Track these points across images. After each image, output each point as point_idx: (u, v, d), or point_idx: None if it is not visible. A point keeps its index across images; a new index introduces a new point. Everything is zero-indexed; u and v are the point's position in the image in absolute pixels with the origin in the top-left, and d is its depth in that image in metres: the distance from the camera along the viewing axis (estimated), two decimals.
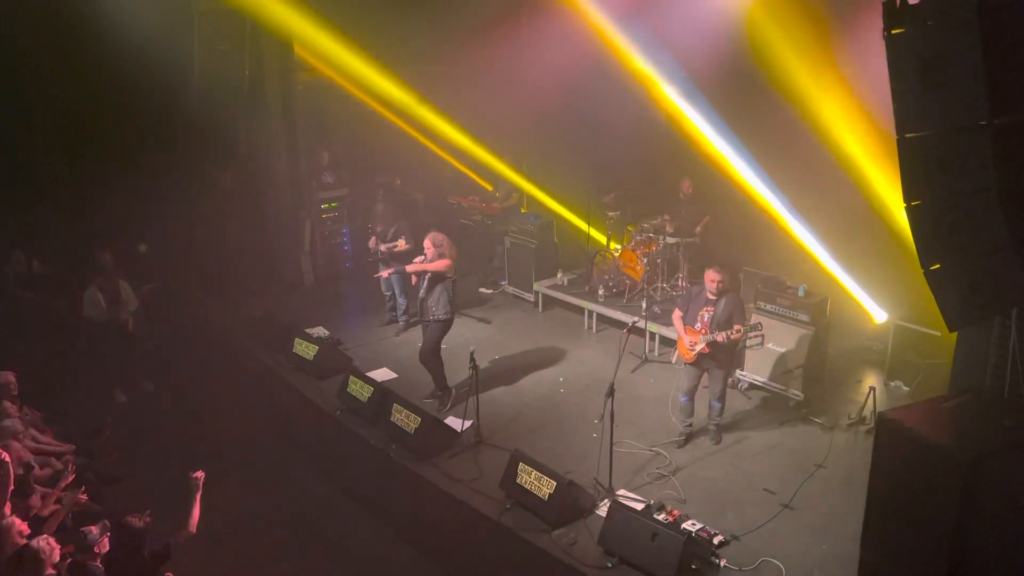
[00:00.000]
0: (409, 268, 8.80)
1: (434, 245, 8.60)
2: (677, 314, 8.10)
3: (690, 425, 8.18)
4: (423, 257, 8.65)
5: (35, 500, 7.05)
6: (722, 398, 8.05)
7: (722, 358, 7.88)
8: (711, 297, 7.77)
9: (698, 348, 7.76)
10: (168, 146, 11.83)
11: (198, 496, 6.17)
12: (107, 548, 6.36)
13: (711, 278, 7.73)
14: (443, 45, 12.98)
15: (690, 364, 8.00)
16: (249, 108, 11.83)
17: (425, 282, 8.68)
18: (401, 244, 10.16)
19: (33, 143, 11.75)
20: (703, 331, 7.78)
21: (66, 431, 8.87)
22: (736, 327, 7.63)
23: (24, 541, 6.03)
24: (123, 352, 10.47)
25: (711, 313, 7.77)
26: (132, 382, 10.65)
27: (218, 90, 11.62)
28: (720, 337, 7.60)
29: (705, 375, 8.05)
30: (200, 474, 6.25)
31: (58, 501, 7.37)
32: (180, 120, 11.60)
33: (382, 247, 10.39)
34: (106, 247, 10.71)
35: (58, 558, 6.07)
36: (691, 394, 8.09)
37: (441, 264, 8.54)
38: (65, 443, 8.50)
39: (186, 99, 11.54)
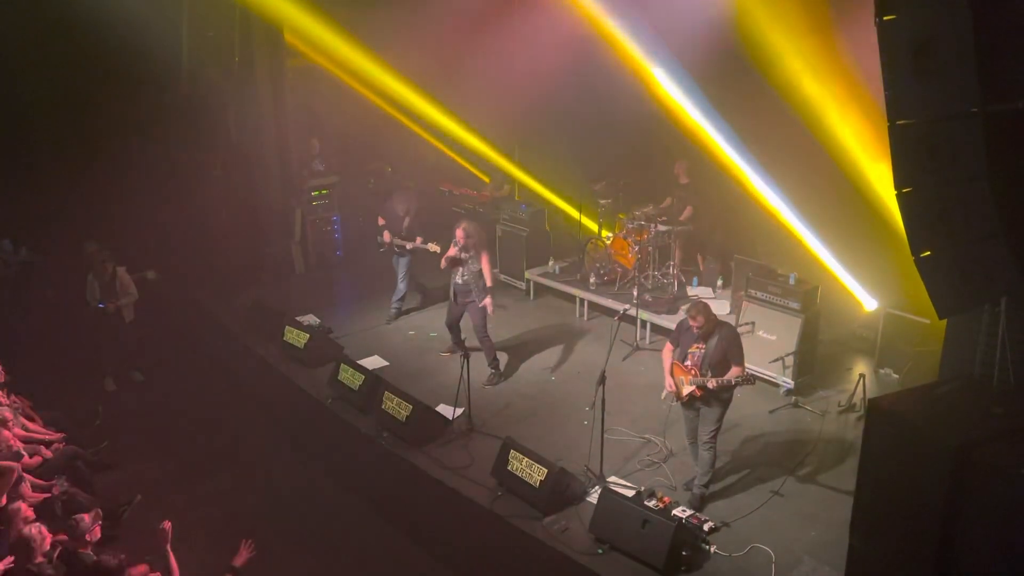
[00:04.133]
0: (452, 252, 8.92)
1: (467, 235, 8.84)
2: (667, 348, 7.21)
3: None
4: (456, 246, 8.87)
5: (25, 488, 7.02)
6: (711, 447, 6.96)
7: (714, 401, 6.89)
8: (696, 333, 6.85)
9: (686, 391, 6.89)
10: (157, 133, 11.76)
11: (168, 547, 6.03)
12: (99, 536, 6.37)
13: (690, 323, 6.83)
14: (433, 31, 12.90)
15: (682, 405, 7.13)
16: (239, 95, 11.76)
17: (464, 268, 8.92)
18: (432, 247, 10.12)
19: (22, 131, 11.67)
20: (693, 371, 6.88)
21: (56, 419, 8.85)
22: (732, 372, 6.74)
23: (28, 527, 6.04)
24: (115, 341, 10.42)
25: (702, 351, 6.85)
26: (123, 371, 10.61)
27: (207, 76, 11.55)
28: (711, 384, 6.68)
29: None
30: (167, 524, 6.04)
31: (48, 490, 7.37)
32: (169, 106, 11.53)
33: (409, 244, 10.42)
34: (91, 236, 10.66)
35: (48, 547, 6.07)
36: (694, 436, 7.22)
37: (486, 259, 8.93)
38: (55, 431, 8.49)
39: (175, 85, 11.47)
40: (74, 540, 6.21)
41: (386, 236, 10.47)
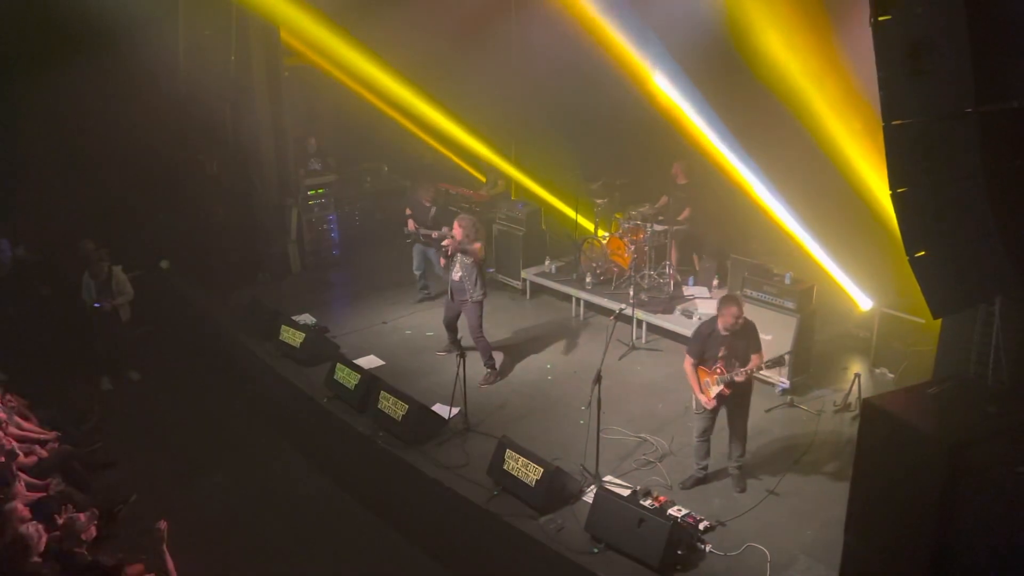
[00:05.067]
0: (447, 243, 8.88)
1: (462, 228, 8.80)
2: (689, 362, 7.07)
3: (705, 468, 7.30)
4: (452, 239, 8.83)
5: (19, 487, 7.01)
6: (743, 438, 7.19)
7: (742, 395, 7.04)
8: (726, 334, 6.82)
9: (715, 391, 6.92)
10: (154, 132, 11.75)
11: (165, 547, 6.05)
12: (94, 535, 6.37)
13: (732, 314, 6.74)
14: (431, 31, 12.92)
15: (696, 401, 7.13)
16: (235, 94, 11.75)
17: (457, 263, 8.87)
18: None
19: (19, 131, 11.65)
20: (719, 371, 6.90)
21: (51, 418, 8.85)
22: (754, 361, 6.85)
23: (25, 526, 6.04)
24: (111, 340, 10.41)
25: (727, 350, 6.87)
26: (120, 370, 10.60)
27: (204, 76, 11.54)
28: (739, 377, 6.78)
29: (723, 413, 7.18)
30: (163, 524, 6.09)
31: (47, 488, 7.37)
32: (166, 106, 11.52)
33: (435, 233, 10.53)
34: (87, 235, 10.65)
35: (44, 546, 6.07)
36: (707, 435, 7.19)
37: (478, 246, 8.83)
38: (50, 430, 8.48)
39: (172, 85, 11.46)
40: (69, 540, 6.21)
41: (411, 225, 10.53)
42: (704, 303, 10.13)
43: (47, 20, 11.08)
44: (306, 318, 10.56)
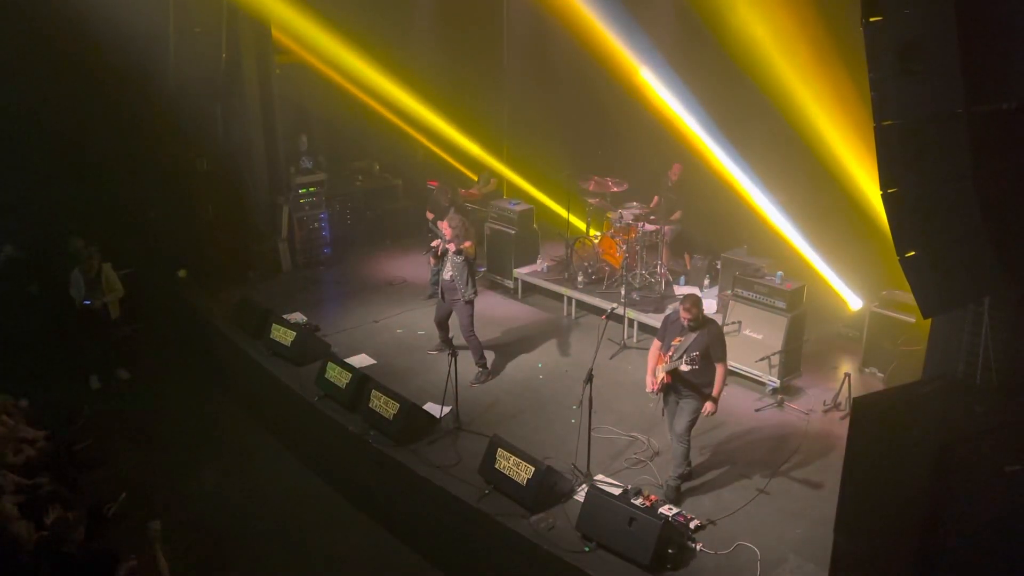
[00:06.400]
0: (435, 242, 8.92)
1: (451, 227, 8.78)
2: (655, 345, 7.16)
3: (689, 464, 7.32)
4: (440, 241, 8.86)
5: (9, 486, 6.99)
6: (684, 439, 6.97)
7: (685, 391, 6.95)
8: (684, 325, 6.85)
9: (659, 376, 6.96)
10: (144, 129, 11.69)
11: (158, 547, 6.05)
12: (84, 534, 6.35)
13: (682, 314, 6.83)
14: (423, 28, 12.91)
15: (663, 397, 7.15)
16: (226, 92, 11.70)
17: (449, 263, 8.87)
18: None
19: (6, 128, 11.57)
20: (665, 359, 6.94)
21: (40, 417, 8.81)
22: (719, 371, 6.81)
23: (15, 524, 6.02)
24: (101, 338, 10.36)
25: (681, 343, 6.87)
26: (109, 368, 10.55)
27: (195, 73, 11.49)
28: (678, 366, 6.73)
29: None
30: (157, 523, 6.08)
31: (36, 487, 7.33)
32: (157, 103, 11.46)
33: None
34: (77, 232, 10.60)
35: (33, 546, 6.05)
36: None
37: (468, 244, 8.80)
38: (39, 429, 8.44)
39: (162, 82, 11.40)
40: (59, 538, 6.19)
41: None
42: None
43: (36, 18, 11.01)
44: (297, 316, 10.54)
